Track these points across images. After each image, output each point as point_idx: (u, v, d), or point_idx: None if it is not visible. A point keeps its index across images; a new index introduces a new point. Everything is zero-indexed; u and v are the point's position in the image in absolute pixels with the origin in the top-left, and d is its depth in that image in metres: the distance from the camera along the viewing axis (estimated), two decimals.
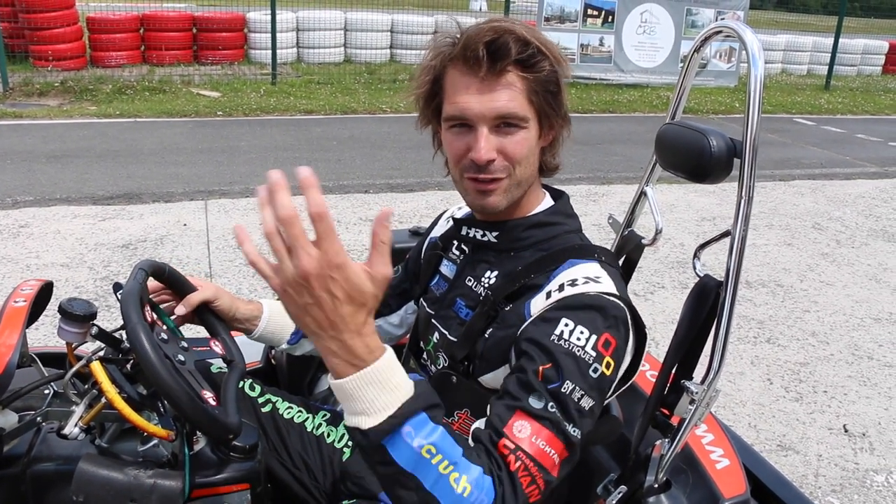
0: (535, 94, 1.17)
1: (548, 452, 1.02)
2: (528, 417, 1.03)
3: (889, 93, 14.45)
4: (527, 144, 1.19)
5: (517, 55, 1.14)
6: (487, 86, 1.15)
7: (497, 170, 1.19)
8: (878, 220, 6.29)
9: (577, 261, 1.20)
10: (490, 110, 1.15)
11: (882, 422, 3.22)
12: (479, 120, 1.16)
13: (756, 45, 1.26)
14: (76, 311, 1.22)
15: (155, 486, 1.23)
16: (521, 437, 1.01)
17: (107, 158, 6.53)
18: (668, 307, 4.14)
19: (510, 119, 1.16)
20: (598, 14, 12.04)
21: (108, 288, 3.86)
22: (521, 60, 1.14)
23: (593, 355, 1.07)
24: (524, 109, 1.17)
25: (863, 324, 4.21)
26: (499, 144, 1.17)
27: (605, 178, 6.91)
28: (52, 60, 9.84)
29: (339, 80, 11.11)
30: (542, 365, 1.06)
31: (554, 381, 1.05)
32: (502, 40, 1.13)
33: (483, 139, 1.16)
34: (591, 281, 1.15)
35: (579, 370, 1.06)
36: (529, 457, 1.00)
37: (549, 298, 1.14)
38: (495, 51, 1.13)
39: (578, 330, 1.08)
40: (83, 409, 1.24)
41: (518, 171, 1.20)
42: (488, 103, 1.15)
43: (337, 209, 5.50)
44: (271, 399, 1.60)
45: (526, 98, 1.16)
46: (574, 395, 1.05)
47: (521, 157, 1.19)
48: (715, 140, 1.27)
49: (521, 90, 1.16)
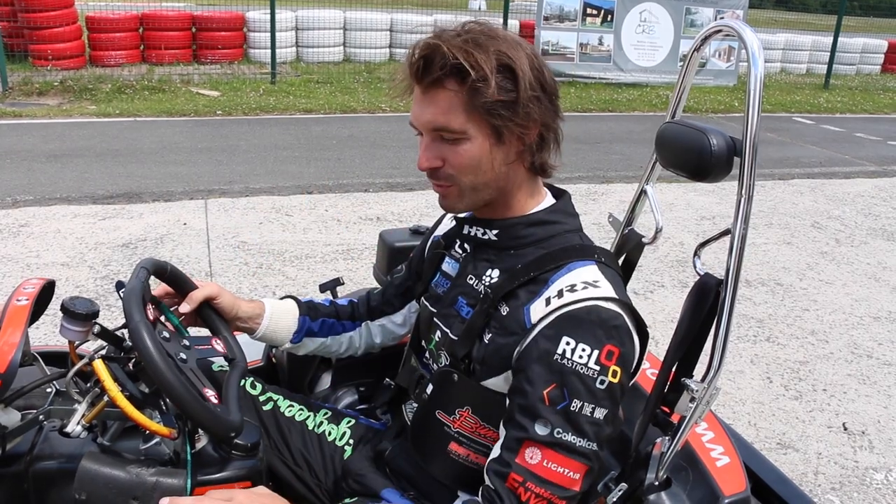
0: (474, 108, 1.15)
1: (562, 472, 1.09)
2: (537, 445, 1.09)
3: (888, 91, 14.45)
4: (469, 155, 1.19)
5: (440, 71, 1.14)
6: (425, 97, 1.18)
7: (443, 177, 1.22)
8: (877, 219, 6.30)
9: (576, 264, 1.20)
10: (425, 122, 1.19)
11: (881, 420, 3.23)
12: (422, 129, 1.21)
13: (756, 43, 1.26)
14: (78, 309, 1.22)
15: (157, 483, 1.23)
16: (533, 463, 1.09)
17: (106, 158, 6.54)
18: (667, 306, 4.15)
19: (445, 131, 1.18)
20: (597, 13, 12.04)
21: (109, 287, 3.87)
22: (452, 74, 1.14)
23: (597, 369, 1.10)
24: (459, 122, 1.16)
25: (862, 322, 4.22)
26: (441, 153, 1.20)
27: (605, 177, 6.92)
28: (52, 60, 9.84)
29: (339, 79, 11.11)
30: (547, 387, 1.10)
31: (561, 402, 1.09)
32: (430, 55, 1.14)
33: (423, 148, 1.21)
34: (589, 286, 1.15)
35: (585, 386, 1.10)
36: (542, 482, 1.08)
37: (549, 305, 1.15)
38: (424, 66, 1.15)
39: (580, 348, 1.10)
40: (85, 407, 1.24)
41: (466, 180, 1.21)
42: (422, 116, 1.19)
43: (337, 208, 5.51)
44: (272, 397, 1.60)
45: (463, 111, 1.15)
46: (584, 410, 1.09)
47: (463, 167, 1.20)
48: (715, 139, 1.27)
49: (459, 102, 1.15)
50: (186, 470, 1.27)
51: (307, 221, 5.18)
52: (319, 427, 1.57)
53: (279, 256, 4.49)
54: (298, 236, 4.87)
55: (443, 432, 1.29)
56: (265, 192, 5.80)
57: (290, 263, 4.40)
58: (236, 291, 3.94)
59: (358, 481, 1.44)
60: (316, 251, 4.62)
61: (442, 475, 1.32)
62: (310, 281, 4.13)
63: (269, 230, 4.95)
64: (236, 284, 4.05)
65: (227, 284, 4.03)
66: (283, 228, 5.00)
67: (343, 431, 1.57)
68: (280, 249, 4.60)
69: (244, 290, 3.99)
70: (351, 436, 1.56)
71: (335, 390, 1.82)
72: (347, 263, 4.45)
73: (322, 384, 1.88)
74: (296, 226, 5.07)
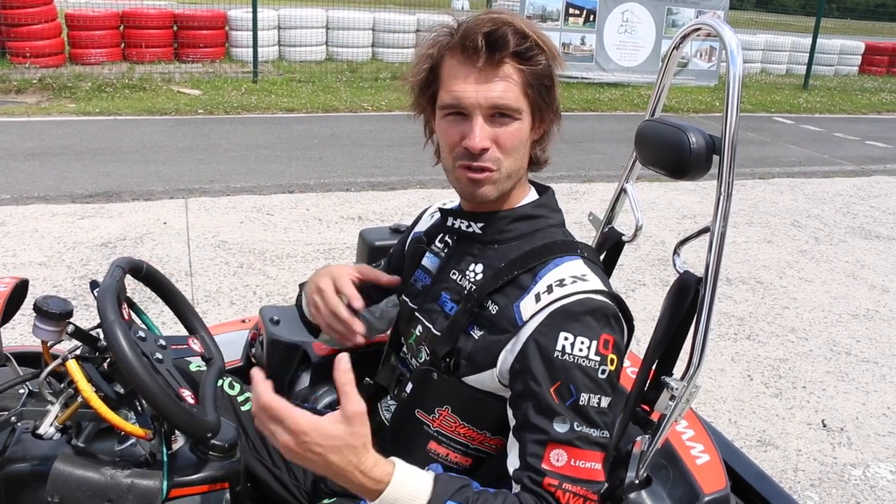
0: (531, 87, 1.18)
1: (589, 467, 1.11)
2: (560, 446, 1.10)
3: (865, 92, 14.62)
4: (519, 136, 1.20)
5: (515, 47, 1.15)
6: (484, 76, 1.16)
7: (489, 159, 1.20)
8: (855, 218, 6.36)
9: (561, 259, 1.20)
10: (486, 100, 1.17)
11: (860, 416, 3.26)
12: (475, 109, 1.18)
13: (735, 42, 1.26)
14: (52, 308, 1.20)
15: (132, 485, 1.21)
16: (561, 465, 1.09)
17: (86, 156, 6.46)
18: (648, 304, 4.16)
19: (505, 110, 1.18)
20: (579, 13, 12.08)
21: (87, 287, 3.81)
22: (519, 53, 1.16)
23: (597, 360, 1.12)
24: (519, 101, 1.18)
25: (841, 320, 4.26)
26: (493, 134, 1.19)
27: (587, 177, 6.94)
28: (30, 57, 9.71)
29: (321, 78, 11.06)
30: (553, 384, 1.11)
31: (570, 397, 1.10)
32: (501, 31, 1.14)
33: (478, 127, 1.18)
34: (578, 280, 1.16)
35: (589, 378, 1.11)
36: (575, 481, 1.09)
37: (539, 301, 1.16)
38: (494, 41, 1.15)
39: (579, 341, 1.12)
40: (59, 408, 1.22)
41: (508, 163, 1.21)
42: (485, 93, 1.17)
43: (318, 207, 5.48)
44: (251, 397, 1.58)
45: (521, 90, 1.18)
46: (591, 402, 1.11)
47: (513, 147, 1.20)
48: (694, 136, 1.27)
49: (517, 82, 1.17)
50: (162, 471, 1.25)
51: (288, 221, 5.15)
52: None
53: (260, 256, 4.46)
54: (279, 235, 4.85)
55: (422, 431, 1.28)
56: (246, 191, 5.76)
57: (271, 263, 4.38)
58: (216, 291, 3.92)
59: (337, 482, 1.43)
60: (297, 250, 4.60)
61: None
62: (290, 280, 4.11)
63: (249, 229, 4.91)
64: (216, 284, 4.02)
65: (208, 284, 4.00)
66: (264, 228, 4.97)
67: None
68: (261, 249, 4.57)
69: (224, 289, 3.96)
70: None
71: (314, 389, 1.81)
72: (328, 262, 4.43)
73: (301, 383, 1.87)
74: (277, 225, 5.04)
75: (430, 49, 1.22)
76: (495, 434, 1.27)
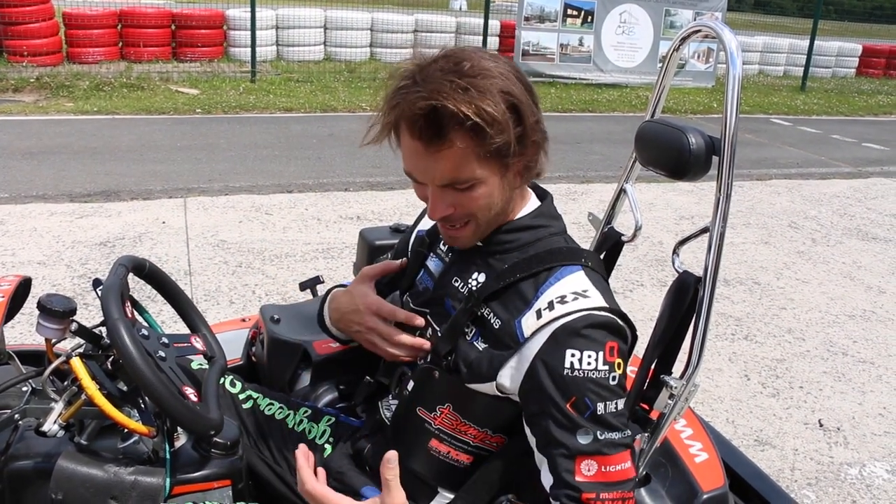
0: (488, 154, 1.12)
1: (620, 469, 1.12)
2: (588, 457, 1.11)
3: (863, 94, 14.65)
4: (484, 197, 1.17)
5: (454, 129, 1.09)
6: (430, 154, 1.12)
7: (457, 219, 1.20)
8: (852, 219, 6.39)
9: (563, 271, 1.20)
10: (435, 179, 1.15)
11: (856, 416, 3.27)
12: (429, 183, 1.16)
13: (734, 43, 1.27)
14: (55, 306, 1.21)
15: (136, 482, 1.22)
16: (593, 474, 1.11)
17: (84, 155, 6.46)
18: (647, 304, 4.18)
19: (459, 183, 1.14)
20: (577, 14, 12.10)
21: (86, 286, 3.82)
22: (464, 129, 1.09)
23: (606, 369, 1.13)
24: (473, 171, 1.13)
25: (838, 320, 4.28)
26: (453, 201, 1.17)
27: (585, 177, 6.95)
28: (28, 56, 9.70)
29: (319, 78, 11.06)
30: (569, 401, 1.12)
31: (587, 409, 1.11)
32: (436, 115, 1.07)
33: (434, 199, 1.17)
34: (579, 296, 1.16)
35: (602, 388, 1.12)
36: (610, 487, 1.11)
37: (541, 318, 1.16)
38: (431, 124, 1.09)
39: (586, 355, 1.12)
40: (62, 405, 1.22)
41: (480, 216, 1.20)
42: (432, 172, 1.14)
43: (317, 207, 5.49)
44: (252, 395, 1.59)
45: (476, 159, 1.12)
46: (609, 409, 1.12)
47: (479, 208, 1.18)
48: (694, 137, 1.28)
49: (472, 154, 1.11)
50: (165, 469, 1.26)
51: (287, 220, 5.15)
52: (299, 425, 1.57)
53: (259, 255, 4.47)
54: (278, 235, 4.85)
55: (423, 429, 1.29)
56: (245, 190, 5.76)
57: (270, 262, 4.38)
58: (216, 290, 3.93)
59: (338, 479, 1.44)
60: (296, 250, 4.60)
61: (422, 472, 1.32)
62: (289, 280, 4.11)
63: (248, 229, 4.92)
64: (215, 283, 4.02)
65: (207, 283, 4.01)
66: (262, 227, 4.98)
67: (323, 430, 1.57)
68: (260, 248, 4.58)
69: (223, 288, 3.96)
70: (331, 434, 1.55)
71: (315, 388, 1.81)
72: (327, 262, 4.44)
73: (302, 382, 1.87)
74: (275, 225, 5.05)
75: (390, 114, 1.15)
76: (496, 432, 1.28)
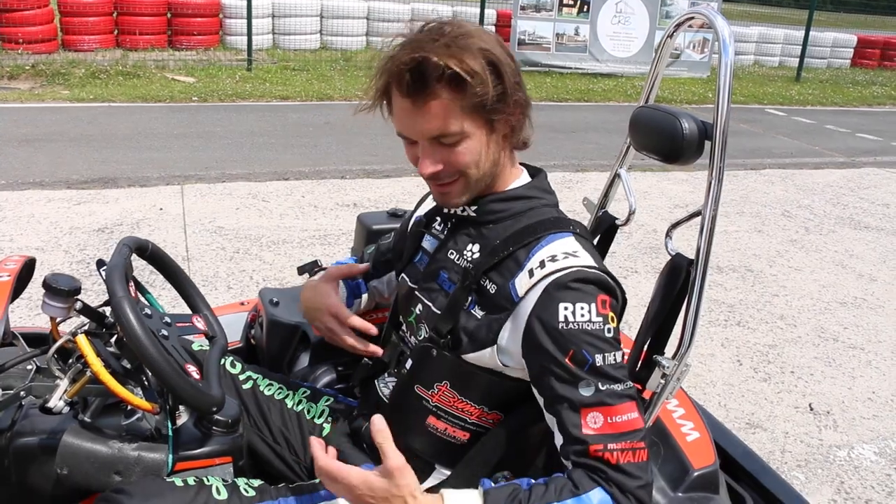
0: (473, 108, 1.17)
1: (626, 419, 1.13)
2: (593, 408, 1.13)
3: (857, 85, 14.67)
4: (471, 151, 1.21)
5: (437, 81, 1.14)
6: (419, 108, 1.18)
7: (446, 176, 1.24)
8: (845, 209, 6.43)
9: (554, 236, 1.24)
10: (423, 133, 1.19)
11: (846, 400, 3.32)
12: (419, 138, 1.21)
13: (727, 31, 1.30)
14: (61, 285, 1.23)
15: (139, 458, 1.25)
16: (599, 426, 1.12)
17: (81, 143, 6.45)
18: (640, 291, 4.21)
19: (446, 137, 1.19)
20: (573, 3, 12.07)
21: (85, 272, 3.84)
22: (446, 82, 1.15)
23: (600, 320, 1.15)
24: (459, 125, 1.18)
25: (829, 307, 4.32)
26: (442, 157, 1.21)
27: (580, 166, 6.97)
28: (23, 43, 9.65)
29: (315, 66, 11.04)
30: (567, 354, 1.14)
31: (586, 362, 1.13)
32: (420, 68, 1.14)
33: (424, 155, 1.22)
34: (569, 256, 1.19)
35: (598, 338, 1.14)
36: (617, 437, 1.11)
37: (533, 276, 1.19)
38: (417, 78, 1.15)
39: (578, 307, 1.15)
40: (67, 383, 1.24)
41: (470, 173, 1.23)
42: (421, 126, 1.19)
43: (314, 194, 5.51)
44: (252, 376, 1.62)
45: (460, 113, 1.17)
46: (608, 360, 1.14)
47: (466, 164, 1.22)
48: (686, 122, 1.31)
49: (456, 107, 1.17)
50: (168, 445, 1.28)
51: (284, 207, 5.17)
52: (298, 405, 1.59)
53: (256, 241, 4.49)
54: (275, 222, 4.87)
55: (421, 406, 1.32)
56: (242, 178, 5.77)
57: (267, 248, 4.40)
58: (213, 276, 3.95)
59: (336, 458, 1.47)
60: (293, 236, 4.62)
61: (420, 449, 1.35)
62: (287, 265, 4.13)
63: (245, 215, 4.93)
64: (213, 269, 4.04)
65: (205, 269, 4.03)
66: (259, 214, 4.99)
67: (322, 409, 1.59)
68: (257, 234, 4.60)
69: (221, 273, 3.98)
70: (329, 414, 1.58)
71: (314, 369, 1.84)
72: (324, 248, 4.46)
73: (301, 363, 1.90)
74: (272, 211, 5.06)
75: (381, 77, 1.23)
76: (492, 409, 1.31)
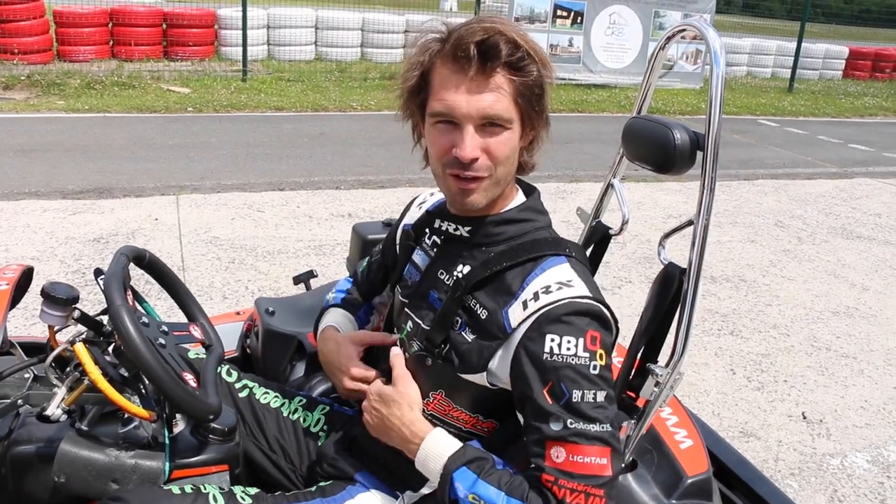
0: (522, 97, 1.19)
1: (590, 462, 1.12)
2: (557, 443, 1.12)
3: (849, 96, 14.77)
4: (510, 145, 1.21)
5: (507, 57, 1.15)
6: (475, 85, 1.17)
7: (480, 168, 1.21)
8: (837, 219, 6.47)
9: (549, 262, 1.23)
10: (477, 110, 1.17)
11: (838, 409, 3.34)
12: (466, 119, 1.18)
13: (718, 42, 1.32)
14: (59, 294, 1.24)
15: (136, 466, 1.25)
16: (560, 461, 1.12)
17: (76, 153, 6.46)
18: (634, 301, 4.22)
19: (495, 119, 1.18)
20: (567, 15, 12.15)
21: (80, 281, 3.84)
22: (510, 63, 1.16)
23: (586, 356, 1.14)
24: (509, 111, 1.19)
25: (822, 317, 4.34)
26: (483, 144, 1.20)
27: (574, 177, 7.00)
28: (18, 54, 9.66)
29: (310, 77, 11.07)
30: (545, 386, 1.14)
31: (563, 395, 1.13)
32: (493, 41, 1.14)
33: (469, 137, 1.19)
34: (563, 286, 1.19)
35: (580, 375, 1.13)
36: (572, 477, 1.11)
37: (527, 309, 1.19)
38: (486, 51, 1.14)
39: (565, 340, 1.14)
40: (65, 391, 1.25)
41: (499, 171, 1.23)
42: (476, 103, 1.17)
43: (309, 205, 5.52)
44: (248, 384, 1.62)
45: (512, 100, 1.18)
46: (586, 398, 1.13)
47: (503, 156, 1.21)
48: (679, 133, 1.33)
49: (508, 92, 1.18)
50: (165, 453, 1.29)
51: (279, 217, 5.18)
52: (294, 414, 1.60)
53: (251, 251, 4.49)
54: (270, 232, 4.88)
55: None
56: (237, 188, 5.78)
57: (263, 258, 4.41)
58: (209, 285, 3.95)
59: (332, 465, 1.47)
60: (288, 247, 4.63)
61: None
62: (282, 276, 4.14)
63: (240, 226, 4.94)
64: (208, 279, 4.04)
65: (200, 279, 4.03)
66: (254, 224, 5.00)
67: (317, 418, 1.60)
68: (252, 245, 4.60)
69: (217, 283, 3.98)
70: (325, 422, 1.58)
71: (309, 379, 1.85)
72: (319, 259, 4.47)
73: (296, 373, 1.91)
74: (268, 222, 5.07)
75: (421, 56, 1.22)
76: (487, 417, 1.32)
